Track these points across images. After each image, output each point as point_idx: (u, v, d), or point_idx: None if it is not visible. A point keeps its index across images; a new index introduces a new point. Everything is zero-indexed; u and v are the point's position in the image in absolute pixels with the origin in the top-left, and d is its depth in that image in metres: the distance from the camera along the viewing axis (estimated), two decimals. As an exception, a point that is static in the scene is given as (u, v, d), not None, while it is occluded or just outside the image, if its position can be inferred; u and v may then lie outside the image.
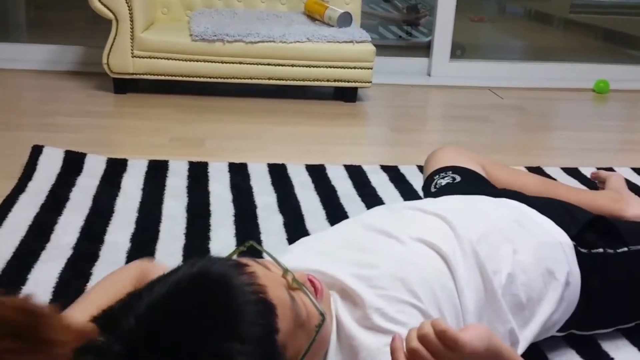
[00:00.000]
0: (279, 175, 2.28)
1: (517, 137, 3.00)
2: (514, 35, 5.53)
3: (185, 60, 3.18)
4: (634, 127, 3.31)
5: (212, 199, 2.05)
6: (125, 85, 3.25)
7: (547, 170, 2.45)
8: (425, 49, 4.04)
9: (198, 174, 2.25)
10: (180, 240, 1.77)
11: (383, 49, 4.21)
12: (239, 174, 2.27)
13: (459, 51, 3.98)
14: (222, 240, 1.79)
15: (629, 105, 3.68)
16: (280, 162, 2.39)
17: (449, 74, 3.90)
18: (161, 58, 3.17)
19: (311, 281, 1.04)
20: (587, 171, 2.44)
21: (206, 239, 1.80)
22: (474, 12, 5.82)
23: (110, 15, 3.10)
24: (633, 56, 4.12)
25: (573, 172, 2.44)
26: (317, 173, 2.30)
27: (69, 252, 1.67)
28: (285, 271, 0.98)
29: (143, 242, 1.76)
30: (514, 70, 3.99)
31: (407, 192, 2.19)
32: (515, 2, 6.04)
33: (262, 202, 2.05)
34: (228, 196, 2.09)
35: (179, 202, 2.02)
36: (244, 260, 0.97)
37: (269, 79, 3.24)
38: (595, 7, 5.77)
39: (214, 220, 1.91)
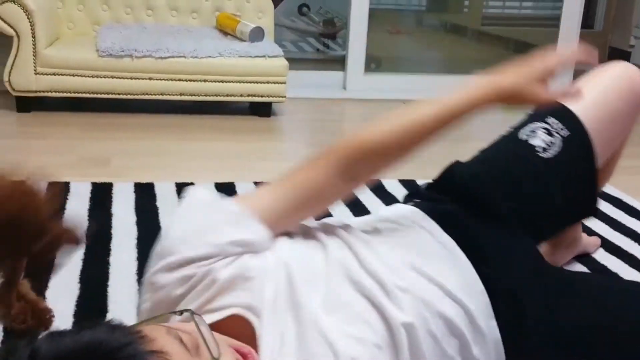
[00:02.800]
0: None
1: (426, 150, 3.04)
2: (430, 47, 5.65)
3: (92, 76, 3.09)
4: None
5: (115, 222, 1.99)
6: (29, 104, 3.13)
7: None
8: (341, 63, 4.06)
9: (101, 195, 2.17)
10: (77, 267, 1.70)
11: (300, 62, 4.22)
12: (144, 195, 2.20)
13: (373, 64, 4.03)
14: (123, 265, 1.73)
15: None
16: (189, 180, 2.34)
17: (364, 87, 3.93)
18: (66, 75, 3.07)
19: None
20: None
21: (105, 264, 1.73)
22: (392, 25, 5.93)
23: (10, 31, 2.98)
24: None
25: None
26: (227, 191, 2.27)
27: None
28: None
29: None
30: (426, 82, 4.06)
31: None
32: (432, 15, 6.19)
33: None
34: (132, 218, 2.02)
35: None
36: (155, 333, 0.80)
37: (181, 94, 3.18)
38: (506, 19, 5.97)
39: (114, 244, 1.84)
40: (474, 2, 5.90)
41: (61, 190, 1.20)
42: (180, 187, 2.27)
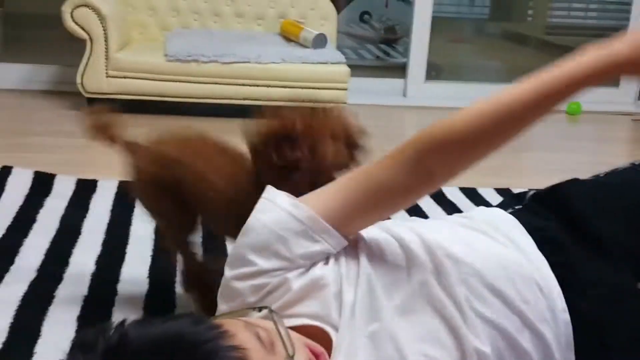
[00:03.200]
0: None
1: (488, 158, 3.02)
2: (492, 56, 5.61)
3: (160, 80, 3.19)
4: (602, 150, 3.36)
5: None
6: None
7: (515, 190, 2.47)
8: (401, 70, 4.08)
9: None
10: (147, 263, 1.77)
11: (360, 69, 4.26)
12: (209, 195, 2.27)
13: (434, 72, 4.03)
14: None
15: (600, 127, 3.73)
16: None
17: (424, 94, 3.93)
18: (136, 78, 3.18)
19: None
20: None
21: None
22: (454, 33, 5.91)
23: (84, 35, 3.11)
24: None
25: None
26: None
27: (33, 275, 1.67)
28: (290, 357, 0.85)
29: (109, 265, 1.75)
30: (486, 91, 4.01)
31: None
32: (494, 23, 6.14)
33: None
34: (197, 217, 2.08)
35: (147, 224, 2.01)
36: (235, 328, 0.85)
37: (244, 99, 3.25)
38: (570, 29, 5.87)
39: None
40: (539, 11, 5.83)
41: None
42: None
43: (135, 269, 1.74)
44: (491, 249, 1.09)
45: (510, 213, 1.19)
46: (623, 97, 4.07)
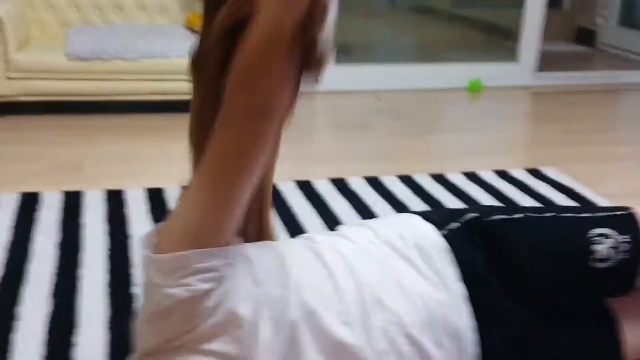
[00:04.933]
0: (156, 201, 2.30)
1: (394, 143, 3.12)
2: (401, 30, 5.69)
3: (63, 79, 3.13)
4: (505, 127, 3.50)
5: (85, 232, 2.06)
6: (2, 109, 3.17)
7: (415, 177, 2.58)
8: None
9: (72, 205, 2.24)
10: (47, 282, 1.78)
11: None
12: (114, 202, 2.28)
13: (342, 55, 4.08)
14: (93, 278, 1.81)
15: (501, 102, 3.89)
16: (159, 186, 2.41)
17: (335, 78, 3.98)
18: (37, 79, 3.11)
19: None
20: (454, 177, 2.59)
21: (75, 278, 1.81)
22: (364, 7, 5.95)
23: (-22, 39, 3.02)
24: (509, 49, 4.34)
25: (439, 179, 2.58)
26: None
27: None
28: None
29: (10, 285, 1.75)
30: (394, 72, 4.12)
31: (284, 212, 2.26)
32: (402, -2, 6.21)
33: (137, 232, 2.07)
34: (102, 228, 2.10)
35: (49, 239, 2.01)
36: None
37: (152, 94, 3.24)
38: (476, 1, 6.01)
39: (86, 256, 1.92)
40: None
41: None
42: (151, 193, 2.34)
43: (38, 288, 1.74)
44: (418, 288, 1.16)
45: (444, 234, 1.24)
46: (522, 71, 4.23)
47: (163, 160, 2.73)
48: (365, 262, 1.18)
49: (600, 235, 1.26)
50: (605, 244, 1.25)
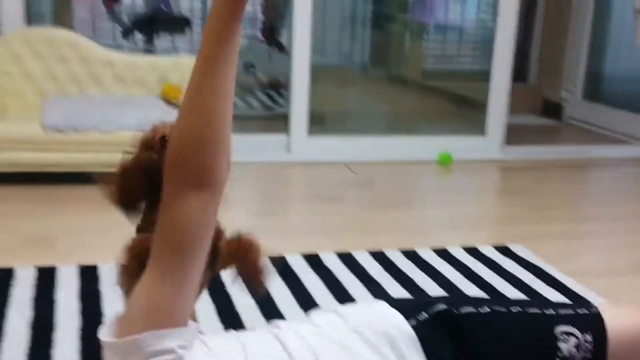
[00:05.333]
0: (129, 276, 2.30)
1: (366, 216, 3.18)
2: (374, 100, 5.84)
3: (38, 150, 3.15)
4: (472, 201, 3.59)
5: (59, 310, 2.05)
6: (-25, 178, 3.17)
7: (387, 253, 2.62)
8: (287, 122, 4.18)
9: (45, 280, 2.24)
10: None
11: (245, 120, 4.36)
12: (88, 278, 2.27)
13: (315, 126, 4.16)
14: (65, 358, 1.80)
15: (470, 176, 3.99)
16: (132, 260, 2.41)
17: (308, 149, 4.06)
18: (12, 149, 3.13)
19: None
20: (424, 253, 2.64)
21: (48, 357, 1.80)
22: (337, 79, 6.12)
23: (-45, 109, 3.04)
24: (478, 120, 4.47)
25: (410, 255, 2.63)
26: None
27: None
28: None
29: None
30: (366, 143, 4.22)
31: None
32: (375, 69, 6.41)
33: (111, 309, 2.06)
34: (75, 305, 2.09)
35: (22, 315, 2.00)
36: None
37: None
38: (446, 74, 6.23)
39: (58, 336, 1.91)
40: (414, 58, 6.15)
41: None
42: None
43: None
44: None
45: (412, 325, 1.27)
46: (490, 145, 4.36)
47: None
48: (331, 348, 1.21)
49: (565, 333, 1.31)
50: (570, 342, 1.29)
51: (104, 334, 1.09)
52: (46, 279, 2.25)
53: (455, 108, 5.67)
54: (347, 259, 2.55)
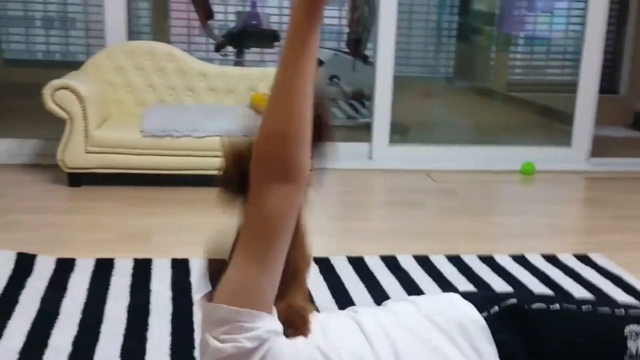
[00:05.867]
0: (217, 270, 2.46)
1: (445, 223, 3.23)
2: (458, 112, 5.86)
3: (137, 154, 3.39)
4: (557, 211, 3.57)
5: (153, 298, 2.23)
6: (80, 179, 3.43)
7: (464, 257, 2.67)
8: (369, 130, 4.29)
9: (141, 271, 2.42)
10: (118, 342, 1.94)
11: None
12: (180, 270, 2.45)
13: (397, 136, 4.25)
14: (159, 339, 1.96)
15: (553, 186, 3.96)
16: (220, 256, 2.57)
17: (389, 157, 4.15)
18: (113, 153, 3.38)
19: None
20: (502, 259, 2.68)
21: (143, 338, 1.97)
22: (424, 87, 6.18)
23: (64, 115, 3.31)
24: (563, 132, 4.43)
25: (487, 260, 2.67)
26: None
27: (15, 358, 1.83)
28: None
29: (84, 344, 1.92)
30: (448, 153, 4.26)
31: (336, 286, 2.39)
32: (458, 80, 6.43)
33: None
34: (168, 294, 2.26)
35: (121, 302, 2.19)
36: None
37: (217, 170, 3.45)
38: (530, 85, 6.17)
39: (152, 320, 2.08)
40: (499, 69, 6.13)
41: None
42: (212, 263, 2.51)
43: (109, 347, 1.90)
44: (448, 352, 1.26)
45: (484, 316, 1.33)
46: (575, 156, 4.31)
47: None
48: (405, 334, 1.28)
49: (635, 332, 1.33)
50: (638, 341, 1.32)
51: (203, 297, 1.21)
52: (142, 270, 2.44)
53: (541, 119, 5.62)
54: (424, 262, 2.63)
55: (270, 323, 1.17)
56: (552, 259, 2.71)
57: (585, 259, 2.72)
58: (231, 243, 1.32)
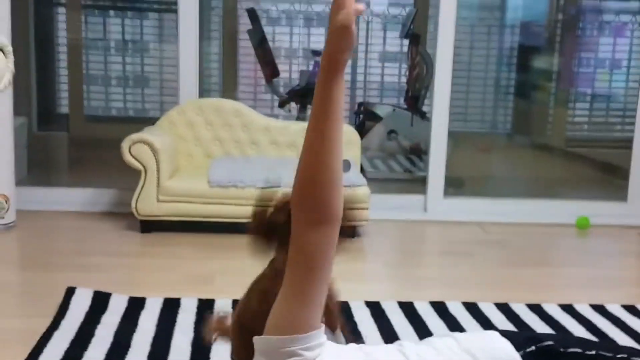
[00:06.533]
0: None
1: (495, 273, 3.32)
2: (515, 165, 5.95)
3: (205, 203, 3.63)
4: (606, 264, 3.60)
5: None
6: (151, 226, 3.69)
7: (513, 306, 2.76)
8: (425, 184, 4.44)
9: (205, 309, 2.62)
10: (183, 373, 2.12)
11: (386, 182, 4.64)
12: (240, 311, 2.62)
13: (452, 189, 4.37)
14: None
15: (608, 240, 3.99)
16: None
17: (443, 209, 4.27)
18: (183, 202, 3.63)
19: None
20: (550, 308, 2.75)
21: (205, 371, 2.15)
22: (483, 142, 6.31)
23: (139, 167, 3.60)
24: (620, 187, 4.47)
25: (535, 308, 2.75)
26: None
27: (90, 383, 2.03)
28: None
29: (152, 374, 2.11)
30: (502, 206, 4.34)
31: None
32: (516, 136, 6.53)
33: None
34: (229, 331, 2.44)
35: (186, 337, 2.38)
36: None
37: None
38: (590, 141, 6.22)
39: (213, 352, 2.26)
40: (558, 125, 6.20)
41: None
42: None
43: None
44: None
45: (521, 354, 1.42)
46: (631, 211, 4.33)
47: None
48: None
49: None
50: None
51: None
52: (206, 308, 2.63)
53: (598, 175, 5.64)
54: (472, 309, 2.73)
55: (307, 342, 1.30)
56: (599, 309, 2.77)
57: (632, 309, 2.77)
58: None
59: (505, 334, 1.55)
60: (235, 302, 2.70)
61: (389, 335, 2.44)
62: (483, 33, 6.38)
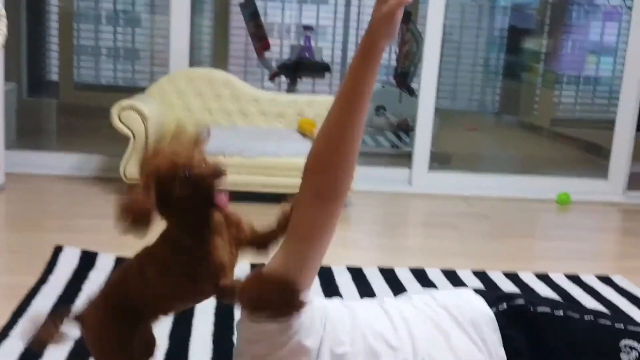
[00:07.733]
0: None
1: (475, 243, 3.40)
2: (502, 144, 6.03)
3: (192, 170, 3.67)
4: (584, 237, 3.69)
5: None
6: (139, 191, 3.73)
7: (490, 274, 2.84)
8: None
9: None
10: (165, 333, 2.18)
11: (375, 156, 4.70)
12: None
13: (436, 163, 4.44)
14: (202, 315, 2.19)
15: (587, 216, 4.08)
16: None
17: (427, 183, 4.34)
18: (171, 169, 3.67)
19: None
20: (526, 276, 2.84)
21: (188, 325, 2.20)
22: (470, 120, 6.39)
23: (128, 133, 3.64)
24: (602, 166, 4.55)
25: (511, 276, 2.83)
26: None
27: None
28: None
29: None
30: (485, 180, 4.42)
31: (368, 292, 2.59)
32: (503, 115, 6.60)
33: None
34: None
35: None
36: None
37: (264, 187, 3.71)
38: (575, 121, 6.30)
39: (197, 311, 2.31)
40: (544, 105, 6.27)
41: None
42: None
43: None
44: (465, 349, 1.44)
45: (493, 311, 1.50)
46: (611, 188, 4.42)
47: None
48: (424, 324, 1.48)
49: (629, 346, 1.46)
50: (631, 355, 1.45)
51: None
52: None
53: (581, 154, 5.72)
54: (451, 276, 2.80)
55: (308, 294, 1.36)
56: (574, 279, 2.85)
57: (606, 280, 2.85)
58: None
59: (478, 291, 1.62)
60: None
61: (369, 297, 2.51)
62: (474, 13, 6.42)
